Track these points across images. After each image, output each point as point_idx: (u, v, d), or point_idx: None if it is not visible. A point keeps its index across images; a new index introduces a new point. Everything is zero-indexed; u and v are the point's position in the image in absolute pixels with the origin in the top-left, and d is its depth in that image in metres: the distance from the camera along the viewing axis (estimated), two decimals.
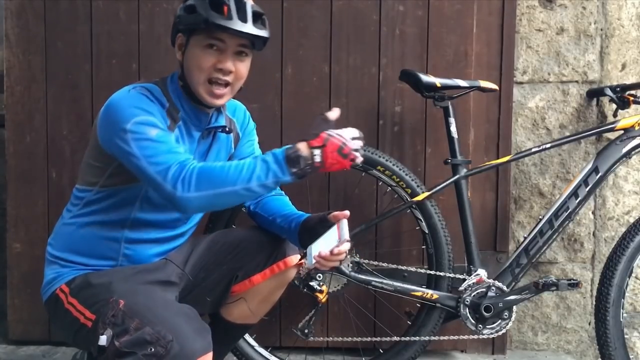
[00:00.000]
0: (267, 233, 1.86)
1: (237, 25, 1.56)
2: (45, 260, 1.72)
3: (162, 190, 1.49)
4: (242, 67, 1.65)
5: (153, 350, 1.40)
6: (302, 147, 1.48)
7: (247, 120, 1.90)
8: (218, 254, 1.83)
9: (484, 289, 2.14)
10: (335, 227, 1.62)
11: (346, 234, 1.56)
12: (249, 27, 1.57)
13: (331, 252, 1.55)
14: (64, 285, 1.64)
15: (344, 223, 1.60)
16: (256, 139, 1.94)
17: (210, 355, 1.47)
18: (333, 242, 1.58)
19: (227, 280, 1.84)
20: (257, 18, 1.61)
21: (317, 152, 1.47)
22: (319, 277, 2.08)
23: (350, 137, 1.51)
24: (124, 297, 1.51)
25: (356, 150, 1.50)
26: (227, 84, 1.63)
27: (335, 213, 1.65)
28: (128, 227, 1.67)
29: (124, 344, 1.43)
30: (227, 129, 1.77)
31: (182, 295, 1.74)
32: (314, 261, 1.56)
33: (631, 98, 2.30)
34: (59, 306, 1.63)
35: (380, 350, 2.30)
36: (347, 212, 1.63)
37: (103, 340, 1.46)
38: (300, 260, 1.85)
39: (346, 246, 1.56)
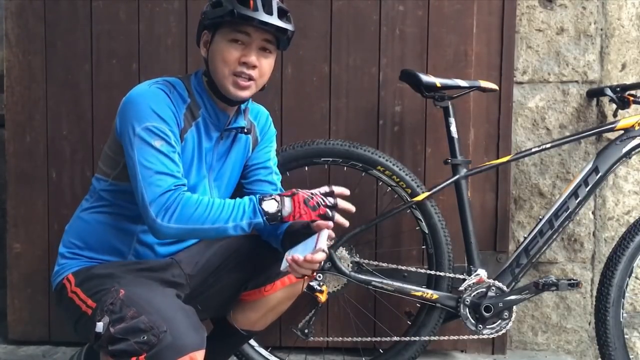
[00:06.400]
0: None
1: (263, 16, 1.59)
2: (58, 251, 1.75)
3: (144, 211, 1.55)
4: (266, 64, 1.68)
5: (145, 338, 1.42)
6: (275, 196, 1.62)
7: (268, 126, 1.90)
8: (229, 261, 1.83)
9: (484, 289, 2.14)
10: (315, 236, 1.61)
11: (323, 244, 1.56)
12: (274, 20, 1.61)
13: (304, 259, 1.54)
14: (70, 275, 1.66)
15: (324, 233, 1.60)
16: (274, 146, 1.93)
17: (202, 352, 1.47)
18: (310, 250, 1.57)
19: (236, 288, 1.84)
20: (283, 14, 1.65)
21: (286, 200, 1.61)
22: (319, 277, 2.08)
23: (318, 192, 1.64)
24: (124, 287, 1.53)
25: (327, 206, 1.62)
26: (250, 78, 1.66)
27: (319, 222, 1.64)
28: (142, 222, 1.66)
29: (118, 330, 1.45)
30: (245, 130, 1.78)
31: (189, 299, 1.74)
32: (286, 264, 1.57)
33: (631, 98, 2.30)
34: (63, 295, 1.66)
35: (380, 350, 2.30)
36: (330, 224, 1.63)
37: (99, 327, 1.48)
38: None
39: (320, 255, 1.54)
